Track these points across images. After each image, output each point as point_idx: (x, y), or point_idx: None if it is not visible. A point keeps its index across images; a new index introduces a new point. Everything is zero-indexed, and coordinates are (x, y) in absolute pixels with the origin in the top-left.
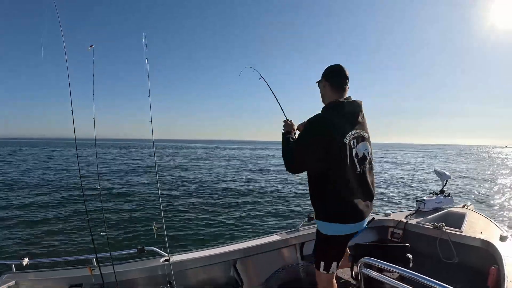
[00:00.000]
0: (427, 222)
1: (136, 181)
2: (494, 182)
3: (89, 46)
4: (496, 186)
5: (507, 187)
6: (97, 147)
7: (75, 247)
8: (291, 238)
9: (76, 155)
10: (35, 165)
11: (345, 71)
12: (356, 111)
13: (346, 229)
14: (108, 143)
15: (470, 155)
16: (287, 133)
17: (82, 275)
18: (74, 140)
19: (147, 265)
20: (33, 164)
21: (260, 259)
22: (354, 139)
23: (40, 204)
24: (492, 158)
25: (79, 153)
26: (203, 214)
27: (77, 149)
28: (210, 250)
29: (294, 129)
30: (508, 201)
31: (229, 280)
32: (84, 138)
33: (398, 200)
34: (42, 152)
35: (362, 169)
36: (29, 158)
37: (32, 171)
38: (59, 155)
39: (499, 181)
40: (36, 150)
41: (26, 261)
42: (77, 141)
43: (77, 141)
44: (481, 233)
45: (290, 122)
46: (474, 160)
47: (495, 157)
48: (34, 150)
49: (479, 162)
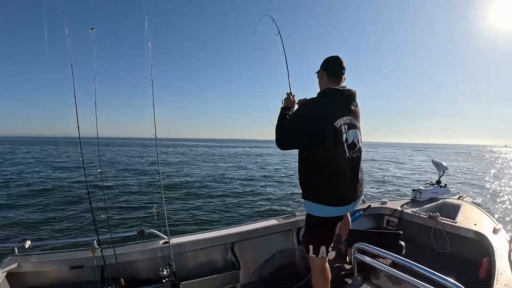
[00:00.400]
0: (423, 211)
1: (138, 169)
2: (490, 178)
3: (90, 29)
4: (492, 181)
5: (503, 183)
6: (99, 145)
7: (77, 230)
8: (288, 223)
9: (78, 138)
10: (36, 159)
11: (341, 62)
12: (350, 99)
13: (331, 211)
14: (109, 141)
15: (468, 154)
16: (286, 108)
17: (83, 257)
18: (74, 139)
19: (147, 247)
20: (34, 158)
21: (257, 243)
22: (345, 125)
23: (42, 188)
24: (492, 157)
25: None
26: (202, 198)
27: (79, 132)
28: (208, 233)
29: (293, 106)
30: (502, 195)
31: (226, 262)
32: (85, 137)
33: (395, 189)
34: (42, 150)
35: (351, 155)
36: (29, 155)
37: (34, 163)
38: (60, 152)
39: (495, 177)
40: (36, 148)
41: (28, 243)
42: (79, 136)
43: (81, 140)
44: (475, 224)
45: (292, 97)
46: (471, 159)
47: (496, 157)
48: (34, 148)
49: (474, 160)
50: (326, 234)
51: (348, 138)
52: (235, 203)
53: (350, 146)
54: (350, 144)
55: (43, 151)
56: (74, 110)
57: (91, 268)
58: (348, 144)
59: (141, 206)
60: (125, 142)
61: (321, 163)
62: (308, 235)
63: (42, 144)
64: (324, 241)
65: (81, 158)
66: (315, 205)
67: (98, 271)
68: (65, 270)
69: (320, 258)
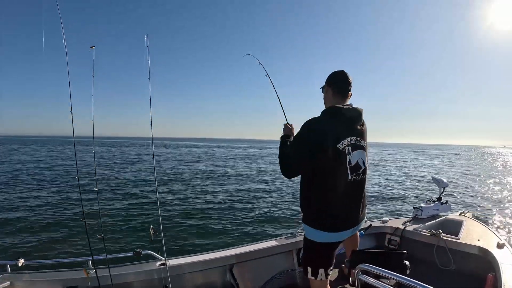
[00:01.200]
0: (425, 229)
1: (134, 184)
2: (493, 184)
3: (90, 47)
4: (493, 191)
5: (503, 191)
6: (95, 145)
7: (71, 249)
8: (288, 244)
9: (74, 155)
10: (31, 164)
11: (347, 77)
12: (355, 118)
13: (328, 237)
14: (107, 141)
15: (468, 155)
16: (285, 136)
17: (77, 277)
18: (70, 139)
19: (143, 269)
20: (29, 163)
21: (256, 264)
22: (349, 146)
23: (36, 204)
24: (492, 159)
25: (77, 152)
26: (200, 218)
27: (75, 152)
28: (206, 254)
29: (293, 133)
30: (504, 207)
31: (225, 285)
32: (83, 136)
33: (396, 203)
34: (39, 151)
35: (353, 178)
36: (25, 157)
37: (28, 171)
38: (57, 155)
39: (497, 182)
40: (33, 149)
41: (21, 262)
42: (75, 139)
43: (76, 139)
44: (478, 240)
45: (290, 126)
46: (471, 160)
47: (496, 159)
48: (30, 148)
49: (473, 161)
50: (323, 258)
51: (351, 160)
52: (234, 223)
53: (354, 168)
54: (354, 166)
55: (40, 153)
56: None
57: None
58: (352, 166)
59: (137, 224)
60: (123, 142)
61: (321, 187)
62: (305, 257)
63: (41, 144)
64: (323, 265)
65: (76, 176)
66: (312, 230)
67: None
68: None
69: (320, 280)
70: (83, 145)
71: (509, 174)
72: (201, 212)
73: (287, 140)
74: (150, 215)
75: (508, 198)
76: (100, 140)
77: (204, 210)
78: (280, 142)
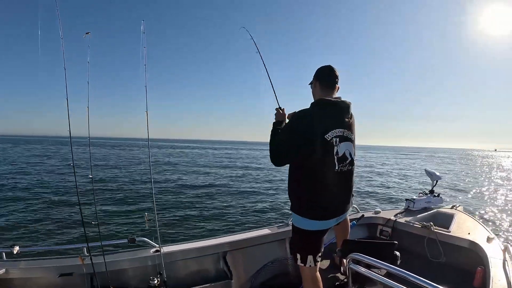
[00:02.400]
0: (416, 221)
1: (129, 173)
2: (482, 184)
3: (85, 33)
4: (485, 188)
5: (495, 189)
6: (90, 145)
7: (66, 236)
8: (281, 232)
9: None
10: (27, 158)
11: (334, 71)
12: (343, 111)
13: (317, 225)
14: (101, 142)
15: (459, 158)
16: (277, 123)
17: (72, 264)
18: (64, 138)
19: (138, 256)
20: (25, 157)
21: (249, 252)
22: (336, 137)
23: (32, 192)
24: (483, 163)
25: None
26: (194, 207)
27: (71, 139)
28: (200, 242)
29: (285, 119)
30: (496, 203)
31: (218, 272)
32: (78, 136)
33: (387, 198)
34: (34, 149)
35: (340, 168)
36: (20, 153)
37: (24, 163)
38: (52, 151)
39: (486, 183)
40: (28, 147)
41: (16, 249)
42: (70, 139)
43: (73, 139)
44: (469, 234)
45: (282, 111)
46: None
47: (487, 161)
48: (26, 146)
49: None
50: (311, 244)
51: (338, 151)
52: (228, 211)
53: (341, 159)
54: (341, 157)
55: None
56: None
57: (81, 276)
58: (339, 157)
59: (132, 212)
60: (117, 142)
61: (308, 176)
62: (294, 244)
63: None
64: (311, 251)
65: (71, 163)
66: (299, 218)
67: (87, 279)
68: (54, 277)
69: (309, 267)
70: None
71: (501, 174)
72: (195, 200)
73: (278, 128)
74: (145, 203)
75: (500, 195)
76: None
77: (198, 199)
78: (272, 129)
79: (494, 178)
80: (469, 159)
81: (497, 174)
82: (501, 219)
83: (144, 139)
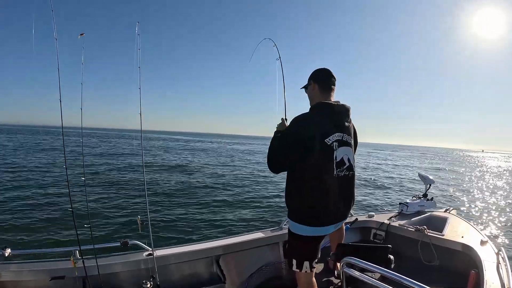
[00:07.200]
0: (410, 224)
1: (122, 175)
2: (473, 186)
3: (79, 34)
4: (476, 192)
5: (486, 191)
6: (83, 137)
7: (58, 239)
8: (274, 236)
9: (62, 144)
10: (17, 152)
11: (331, 73)
12: (343, 115)
13: (314, 231)
14: (96, 133)
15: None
16: (277, 131)
17: (64, 267)
18: (57, 128)
19: (131, 259)
20: (15, 151)
21: (243, 256)
22: (336, 142)
23: (23, 194)
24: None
25: (65, 143)
26: (188, 210)
27: (63, 139)
28: (193, 245)
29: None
30: (488, 207)
31: (212, 275)
32: (70, 127)
33: (381, 200)
34: (26, 139)
35: (337, 173)
36: (11, 145)
37: (14, 159)
38: (45, 143)
39: (477, 184)
40: (20, 137)
41: (8, 251)
42: (63, 130)
43: (64, 130)
44: (462, 237)
45: (285, 122)
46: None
47: (475, 162)
48: (18, 137)
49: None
50: (308, 251)
51: (337, 156)
52: (222, 214)
53: (338, 164)
54: (339, 162)
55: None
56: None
57: (73, 279)
58: (337, 162)
59: (125, 215)
60: (111, 133)
61: (306, 182)
62: (290, 249)
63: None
64: (307, 257)
65: (64, 165)
66: (297, 224)
67: (79, 283)
68: (46, 280)
69: (305, 273)
70: (70, 136)
71: (490, 175)
72: (188, 203)
73: (278, 135)
74: (138, 206)
75: (492, 198)
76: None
77: (191, 202)
78: (272, 137)
79: (486, 179)
80: (455, 158)
81: (487, 175)
82: (494, 222)
83: (137, 130)
